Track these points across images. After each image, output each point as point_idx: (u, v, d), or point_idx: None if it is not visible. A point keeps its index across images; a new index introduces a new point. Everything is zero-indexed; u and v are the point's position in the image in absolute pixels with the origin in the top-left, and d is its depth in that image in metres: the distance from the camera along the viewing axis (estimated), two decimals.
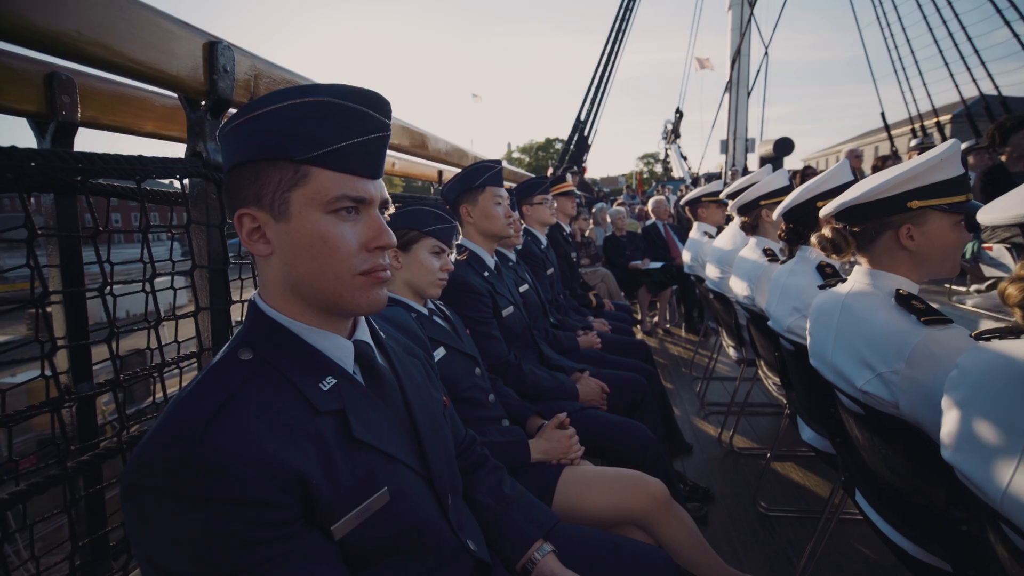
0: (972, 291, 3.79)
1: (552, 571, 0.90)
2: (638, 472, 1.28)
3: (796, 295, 1.64)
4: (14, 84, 0.87)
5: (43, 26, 0.68)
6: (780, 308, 1.73)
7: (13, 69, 0.87)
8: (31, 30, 0.68)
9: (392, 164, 2.50)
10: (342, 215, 0.66)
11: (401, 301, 1.34)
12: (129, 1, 0.76)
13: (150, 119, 1.08)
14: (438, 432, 0.83)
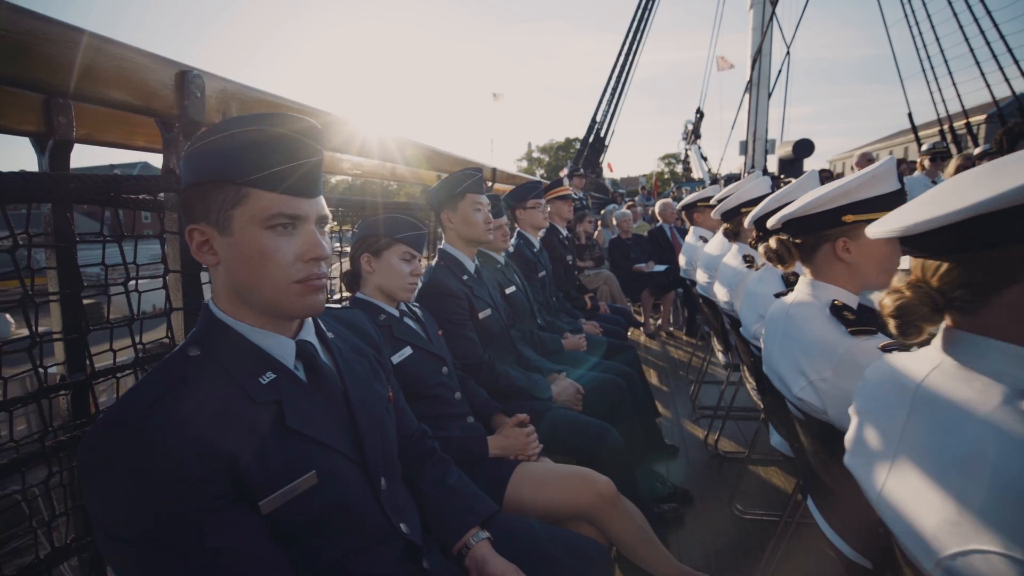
0: None
1: (484, 556, 0.98)
2: (588, 470, 1.35)
3: (761, 302, 1.68)
4: (16, 108, 0.99)
5: (42, 77, 0.80)
6: (749, 314, 1.78)
7: (16, 95, 0.98)
8: (34, 80, 0.80)
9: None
10: (279, 230, 0.76)
11: (373, 303, 1.44)
12: (109, 43, 0.87)
13: (141, 136, 1.19)
14: (377, 423, 0.91)
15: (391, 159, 1.99)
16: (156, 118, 0.96)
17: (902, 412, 0.74)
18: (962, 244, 0.64)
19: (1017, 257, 0.60)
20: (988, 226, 0.60)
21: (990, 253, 0.62)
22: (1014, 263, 0.60)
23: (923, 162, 4.68)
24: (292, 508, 0.74)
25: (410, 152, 1.97)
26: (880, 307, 0.74)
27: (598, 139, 13.66)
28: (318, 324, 0.93)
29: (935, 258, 0.68)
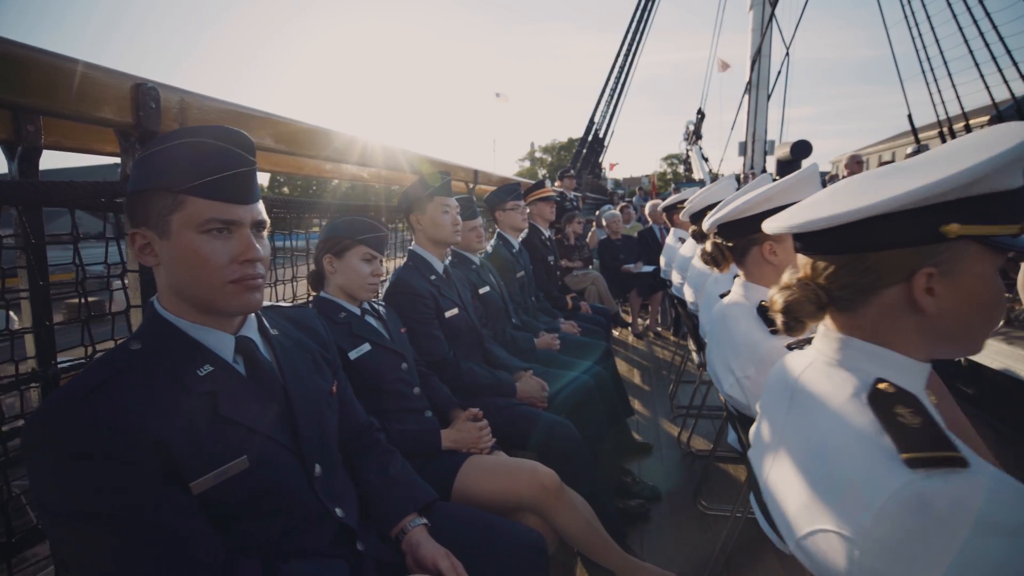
0: None
1: (418, 540, 1.04)
2: (534, 463, 1.41)
3: (714, 303, 1.74)
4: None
5: (6, 96, 0.87)
6: (705, 315, 1.83)
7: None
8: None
9: None
10: (213, 234, 0.82)
11: (334, 302, 1.50)
12: (70, 62, 0.94)
13: (108, 143, 1.26)
14: (315, 414, 0.98)
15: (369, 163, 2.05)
16: (114, 128, 1.02)
17: (784, 406, 0.79)
18: (846, 246, 0.69)
19: (896, 261, 0.65)
20: (870, 230, 0.66)
21: (872, 256, 0.67)
22: (892, 266, 0.65)
23: None
24: (224, 490, 0.81)
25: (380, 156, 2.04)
26: (770, 302, 0.79)
27: (596, 139, 13.68)
28: (261, 321, 0.99)
29: (823, 257, 0.73)
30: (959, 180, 0.57)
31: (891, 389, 0.62)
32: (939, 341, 0.66)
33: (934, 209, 0.60)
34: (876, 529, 0.56)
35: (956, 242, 0.61)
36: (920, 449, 0.55)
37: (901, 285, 0.64)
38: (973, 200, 0.59)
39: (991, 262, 0.62)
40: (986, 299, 0.63)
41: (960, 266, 0.62)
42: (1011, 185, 0.59)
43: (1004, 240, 0.61)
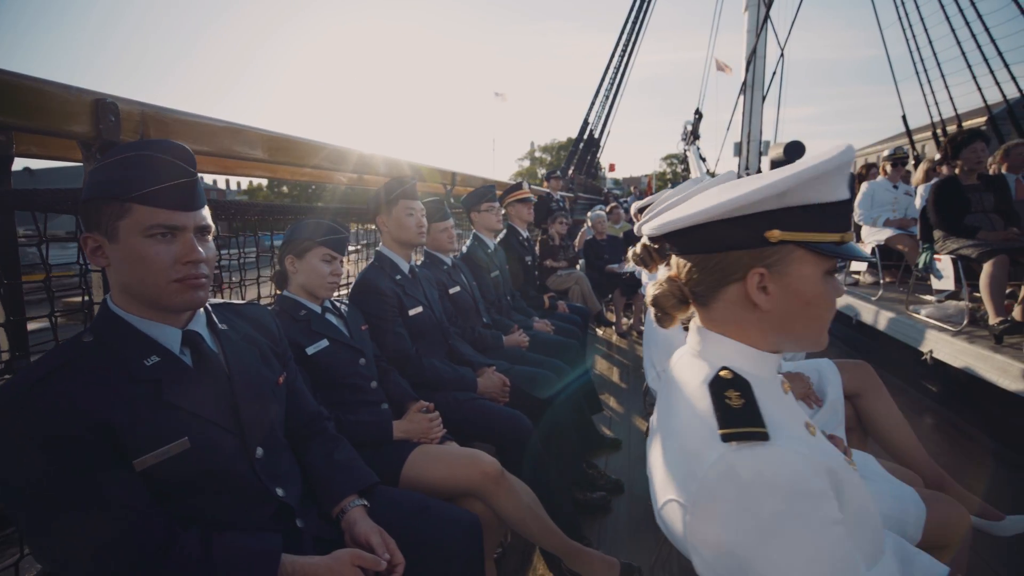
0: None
1: (355, 519, 1.13)
2: (477, 451, 1.50)
3: None
4: None
5: None
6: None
7: None
8: None
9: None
10: (157, 238, 0.91)
11: (295, 300, 1.59)
12: (37, 82, 1.03)
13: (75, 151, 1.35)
14: (259, 401, 1.07)
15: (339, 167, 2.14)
16: (77, 139, 1.11)
17: (664, 394, 0.88)
18: (698, 247, 0.78)
19: (734, 261, 0.74)
20: (713, 234, 0.75)
21: (717, 256, 0.75)
22: (732, 266, 0.74)
23: (884, 167, 4.79)
24: (167, 467, 0.90)
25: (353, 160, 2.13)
26: (648, 297, 0.88)
27: (591, 139, 13.75)
28: (211, 316, 1.08)
29: (685, 257, 0.81)
30: (765, 193, 0.67)
31: (729, 376, 0.71)
32: (777, 333, 0.74)
33: (760, 217, 0.69)
34: (700, 496, 0.65)
35: (783, 246, 0.69)
36: (733, 426, 0.64)
37: (740, 283, 0.73)
38: (793, 210, 0.68)
39: (816, 265, 0.70)
40: (810, 297, 0.71)
41: (788, 268, 0.70)
42: (828, 198, 0.68)
43: (825, 246, 0.69)
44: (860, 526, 0.67)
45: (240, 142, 1.51)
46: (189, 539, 0.88)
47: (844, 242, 0.70)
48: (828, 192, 0.68)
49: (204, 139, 1.39)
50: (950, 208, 3.46)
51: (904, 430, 1.75)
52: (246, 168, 1.89)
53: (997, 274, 3.08)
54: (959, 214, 3.44)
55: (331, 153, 1.94)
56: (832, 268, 0.72)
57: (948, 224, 3.46)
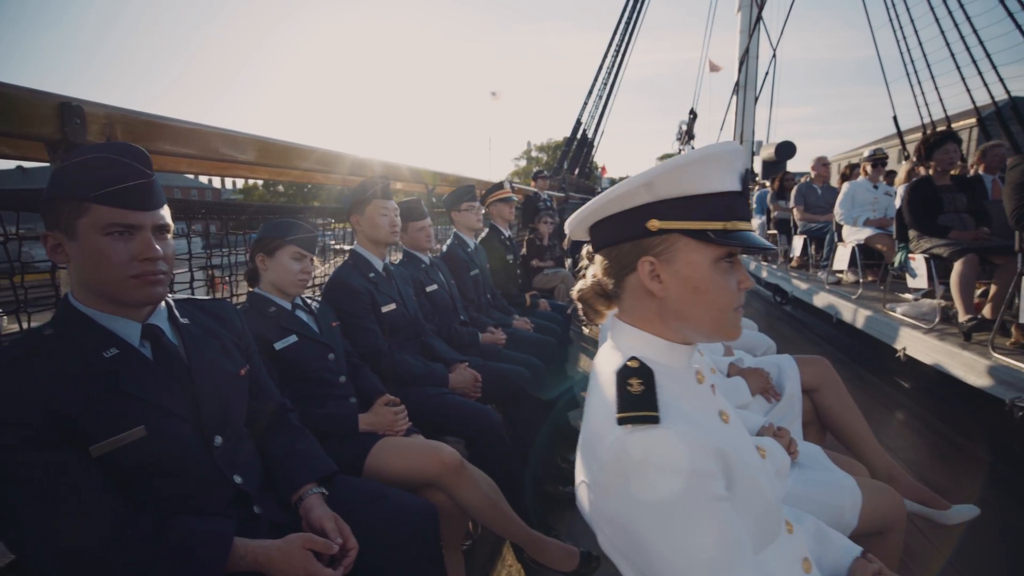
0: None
1: (312, 506, 1.18)
2: (438, 443, 1.55)
3: None
4: None
5: None
6: None
7: None
8: None
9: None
10: (115, 236, 0.96)
11: (266, 297, 1.64)
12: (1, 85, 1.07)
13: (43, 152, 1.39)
14: (219, 392, 1.12)
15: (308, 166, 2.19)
16: (44, 142, 1.16)
17: (590, 384, 0.94)
18: (601, 242, 0.83)
19: (628, 252, 0.79)
20: (608, 228, 0.80)
21: (616, 249, 0.80)
22: (627, 257, 0.79)
23: (865, 167, 4.86)
24: (123, 455, 0.95)
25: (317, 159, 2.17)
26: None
27: (584, 139, 13.80)
28: (172, 311, 1.13)
29: (598, 254, 0.86)
30: (632, 184, 0.72)
31: (635, 365, 0.76)
32: (676, 320, 0.78)
33: (642, 209, 0.74)
34: (599, 475, 0.70)
35: (668, 236, 0.74)
36: (628, 410, 0.69)
37: (636, 273, 0.78)
38: (669, 201, 0.73)
39: (702, 253, 0.74)
40: (697, 283, 0.75)
41: (675, 256, 0.75)
42: (702, 189, 0.72)
43: (708, 234, 0.73)
44: (750, 507, 0.71)
45: (209, 143, 1.55)
46: (143, 522, 0.93)
47: (730, 231, 0.74)
48: (701, 183, 0.72)
49: (171, 140, 1.43)
50: (924, 208, 3.53)
51: (858, 423, 1.81)
52: (220, 168, 1.94)
53: (967, 273, 3.15)
54: (932, 214, 3.51)
55: (283, 149, 1.97)
56: (723, 255, 0.75)
57: (921, 224, 3.53)
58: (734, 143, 0.75)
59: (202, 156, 1.54)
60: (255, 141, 1.90)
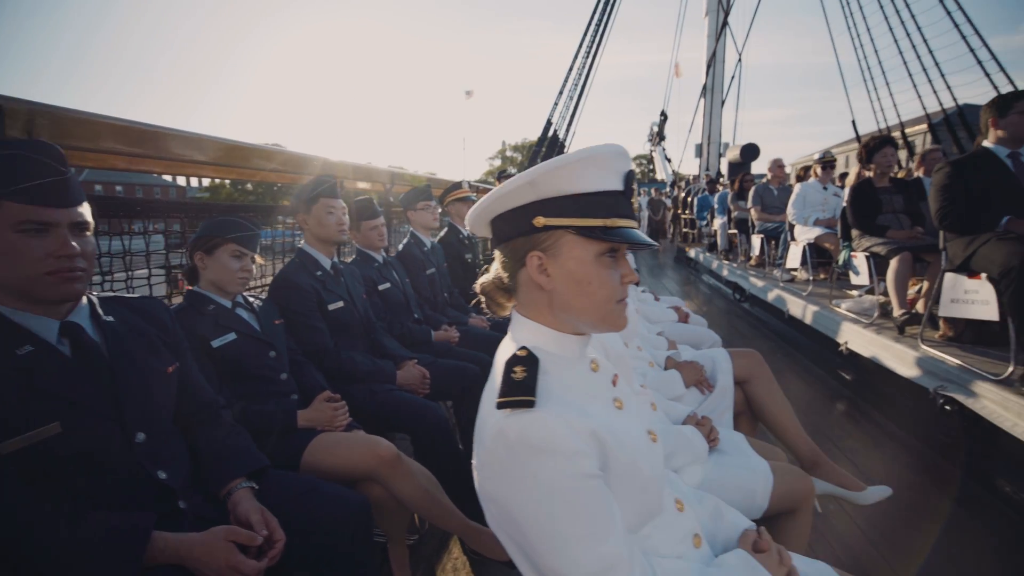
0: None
1: (239, 500, 1.20)
2: (374, 437, 1.58)
3: None
4: None
5: None
6: None
7: None
8: None
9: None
10: (31, 233, 0.96)
11: (204, 295, 1.64)
12: None
13: None
14: (143, 389, 1.12)
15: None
16: None
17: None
18: (496, 238, 0.88)
19: (518, 248, 0.83)
20: (502, 225, 0.85)
21: (509, 244, 0.85)
22: (519, 252, 0.83)
23: (815, 170, 5.07)
24: (37, 451, 0.95)
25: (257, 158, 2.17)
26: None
27: (555, 139, 13.91)
28: (95, 308, 1.13)
29: (497, 249, 0.90)
30: (517, 183, 0.78)
31: (523, 353, 0.81)
32: (563, 312, 0.83)
33: (529, 207, 0.79)
34: (483, 456, 0.75)
35: (554, 231, 0.79)
36: (508, 395, 0.74)
37: (526, 267, 0.82)
38: (554, 199, 0.78)
39: (585, 248, 0.79)
40: (580, 277, 0.79)
41: (560, 251, 0.80)
42: (584, 188, 0.77)
43: (590, 230, 0.78)
44: (627, 485, 0.77)
45: (132, 139, 1.55)
46: (56, 518, 0.94)
47: (610, 227, 0.78)
48: (582, 183, 0.77)
49: (102, 138, 1.43)
50: (864, 209, 3.71)
51: (786, 413, 1.91)
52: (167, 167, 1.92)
53: (901, 270, 3.33)
54: (872, 214, 3.69)
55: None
56: (604, 251, 0.79)
57: (862, 224, 3.71)
58: (616, 146, 0.80)
59: (137, 153, 1.53)
60: (200, 140, 1.89)
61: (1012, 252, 2.28)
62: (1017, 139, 2.61)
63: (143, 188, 37.14)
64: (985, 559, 1.92)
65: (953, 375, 2.63)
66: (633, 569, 0.71)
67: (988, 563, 1.90)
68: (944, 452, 2.64)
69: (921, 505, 2.27)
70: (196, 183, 39.21)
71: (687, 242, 11.59)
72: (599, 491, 0.71)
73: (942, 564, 1.89)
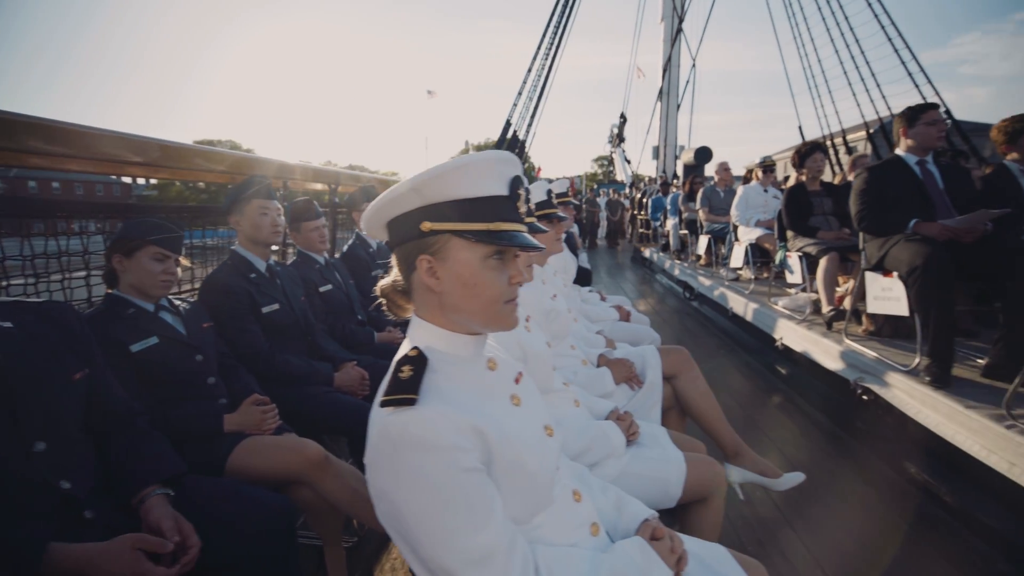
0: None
1: (151, 507, 1.18)
2: (301, 439, 1.58)
3: None
4: None
5: None
6: None
7: None
8: None
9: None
10: None
11: (124, 299, 1.59)
12: None
13: None
14: (42, 397, 1.09)
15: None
16: None
17: None
18: (391, 242, 0.90)
19: (409, 251, 0.85)
20: (394, 229, 0.87)
21: (402, 248, 0.87)
22: (409, 256, 0.86)
23: (756, 173, 5.30)
24: None
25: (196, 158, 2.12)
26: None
27: (515, 140, 13.99)
28: None
29: (393, 251, 0.91)
30: (401, 190, 0.81)
31: (414, 353, 0.83)
32: (455, 313, 0.86)
33: (418, 212, 0.82)
34: (370, 454, 0.77)
35: (441, 236, 0.82)
36: (391, 394, 0.77)
37: (417, 271, 0.85)
38: (439, 204, 0.81)
39: (471, 251, 0.82)
40: (467, 279, 0.83)
41: (448, 254, 0.83)
42: (467, 194, 0.80)
43: (475, 235, 0.81)
44: (513, 478, 0.80)
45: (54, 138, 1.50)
46: None
47: (494, 231, 0.81)
48: (466, 189, 0.80)
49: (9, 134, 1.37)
50: (797, 211, 3.92)
51: (710, 406, 2.01)
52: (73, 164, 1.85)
53: (829, 269, 3.54)
54: (804, 216, 3.90)
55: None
56: (491, 254, 0.83)
57: (795, 225, 3.91)
58: (501, 152, 0.84)
59: (60, 153, 1.48)
60: (133, 141, 1.84)
61: (917, 252, 2.46)
62: (924, 147, 2.82)
63: (84, 185, 35.08)
64: (889, 534, 2.08)
65: (870, 367, 2.82)
66: (511, 557, 0.75)
67: (891, 537, 2.05)
68: (861, 439, 2.83)
69: (837, 488, 2.43)
70: (143, 181, 37.41)
71: (643, 242, 11.87)
72: (478, 484, 0.75)
73: (849, 541, 2.04)
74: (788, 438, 2.99)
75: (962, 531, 2.05)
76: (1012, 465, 1.87)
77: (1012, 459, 1.87)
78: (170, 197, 22.78)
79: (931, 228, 2.58)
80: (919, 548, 1.99)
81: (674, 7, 14.33)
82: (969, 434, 2.09)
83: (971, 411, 2.11)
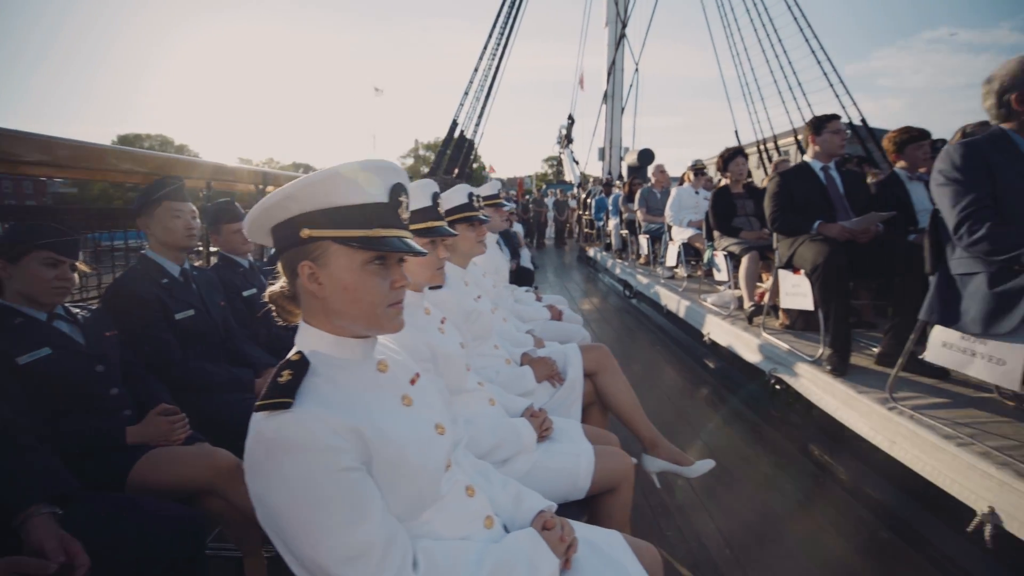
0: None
1: (34, 528, 1.12)
2: (210, 447, 1.54)
3: None
4: None
5: None
6: None
7: None
8: None
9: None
10: None
11: (11, 307, 1.49)
12: None
13: None
14: None
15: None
16: None
17: None
18: (276, 248, 0.90)
19: (292, 258, 0.86)
20: (277, 236, 0.88)
21: (286, 255, 0.88)
22: (292, 262, 0.86)
23: (688, 175, 5.56)
24: None
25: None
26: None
27: (463, 139, 13.96)
28: None
29: (278, 258, 0.91)
30: (276, 198, 0.82)
31: (296, 358, 0.84)
32: (338, 317, 0.87)
33: (297, 219, 0.83)
34: (247, 459, 0.78)
35: (320, 242, 0.84)
36: (267, 398, 0.78)
37: (300, 277, 0.86)
38: (316, 212, 0.83)
39: (351, 257, 0.84)
40: (348, 284, 0.84)
41: (328, 260, 0.84)
42: (341, 202, 0.82)
43: (351, 240, 0.82)
44: (395, 476, 0.83)
45: None
46: None
47: (372, 237, 0.83)
48: (342, 196, 0.82)
49: None
50: (722, 212, 4.14)
51: (629, 401, 2.10)
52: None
53: (750, 267, 3.76)
54: (728, 217, 4.12)
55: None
56: (370, 259, 0.84)
57: (720, 225, 4.14)
58: (379, 160, 0.86)
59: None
60: (37, 141, 1.72)
61: (819, 251, 2.67)
62: (828, 154, 3.05)
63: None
64: (792, 510, 2.26)
65: (783, 359, 3.03)
66: (388, 551, 0.77)
67: (794, 513, 2.23)
68: (775, 426, 3.04)
69: (750, 472, 2.60)
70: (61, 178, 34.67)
71: (588, 242, 12.16)
72: (355, 483, 0.77)
73: (756, 519, 2.19)
74: (712, 428, 3.17)
75: (853, 504, 2.25)
76: (893, 443, 2.07)
77: (892, 438, 2.08)
78: (92, 196, 21.17)
79: (832, 229, 2.80)
80: (815, 521, 2.17)
81: (617, 12, 14.72)
82: (859, 417, 2.29)
83: (862, 396, 2.31)
